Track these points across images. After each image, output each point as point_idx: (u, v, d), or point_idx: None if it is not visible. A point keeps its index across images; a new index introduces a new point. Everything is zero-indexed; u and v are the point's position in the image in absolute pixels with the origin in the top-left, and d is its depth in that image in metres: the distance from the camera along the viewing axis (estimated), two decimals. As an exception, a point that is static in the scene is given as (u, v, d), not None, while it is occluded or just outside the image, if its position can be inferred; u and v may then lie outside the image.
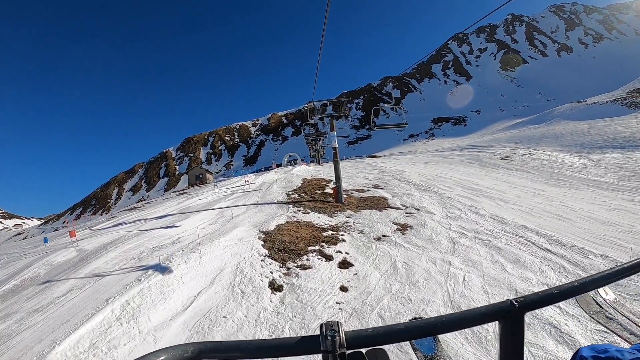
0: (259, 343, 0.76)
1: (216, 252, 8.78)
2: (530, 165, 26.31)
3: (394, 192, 15.95)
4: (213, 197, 21.80)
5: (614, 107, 64.74)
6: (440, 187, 17.03)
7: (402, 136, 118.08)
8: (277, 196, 17.78)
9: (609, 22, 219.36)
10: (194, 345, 0.73)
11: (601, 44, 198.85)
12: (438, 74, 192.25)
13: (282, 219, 12.36)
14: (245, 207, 15.75)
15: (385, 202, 14.15)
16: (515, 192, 17.45)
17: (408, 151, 74.42)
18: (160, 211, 19.31)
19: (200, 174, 71.17)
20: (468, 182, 18.76)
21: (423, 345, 1.43)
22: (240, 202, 17.82)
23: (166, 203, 25.11)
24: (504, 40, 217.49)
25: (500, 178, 21.69)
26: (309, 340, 0.77)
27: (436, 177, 20.27)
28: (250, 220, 12.64)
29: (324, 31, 6.99)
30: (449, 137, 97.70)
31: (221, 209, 16.28)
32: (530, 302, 0.82)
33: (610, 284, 0.91)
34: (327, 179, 22.38)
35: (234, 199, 19.42)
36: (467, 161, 28.54)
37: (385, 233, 10.31)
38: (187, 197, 27.20)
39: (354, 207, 14.03)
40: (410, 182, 18.08)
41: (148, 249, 9.87)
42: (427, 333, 0.79)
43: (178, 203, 22.38)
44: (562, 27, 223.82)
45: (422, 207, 13.01)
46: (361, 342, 0.76)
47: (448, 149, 52.72)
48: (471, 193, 16.21)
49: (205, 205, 18.50)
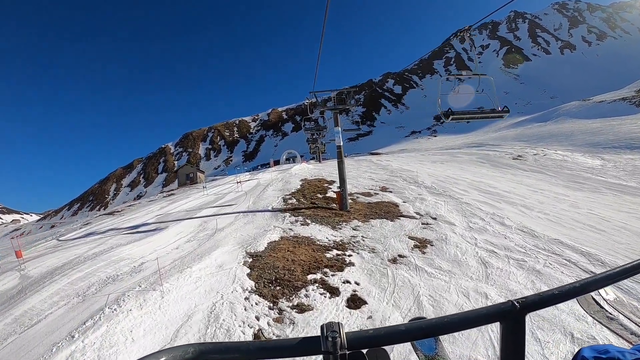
0: (260, 344, 0.75)
1: (185, 288, 6.88)
2: (545, 165, 24.80)
3: (404, 197, 14.38)
4: (200, 201, 20.11)
5: (622, 105, 63.50)
6: (454, 190, 15.53)
7: (404, 133, 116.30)
8: (272, 201, 16.04)
9: (613, 20, 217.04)
10: (194, 346, 0.71)
11: (605, 42, 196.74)
12: (440, 70, 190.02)
13: (275, 233, 10.56)
14: (234, 215, 13.96)
15: (397, 209, 12.61)
16: (537, 197, 15.97)
17: (411, 148, 72.83)
18: (138, 218, 17.62)
19: (191, 173, 65.66)
20: (483, 185, 17.25)
21: (424, 346, 1.36)
22: (228, 208, 16.10)
23: (148, 207, 23.30)
24: (506, 37, 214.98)
25: (516, 180, 20.19)
26: (309, 341, 0.75)
27: (448, 178, 18.73)
28: (236, 235, 10.74)
29: (325, 23, 6.62)
30: (451, 134, 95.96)
31: (205, 217, 14.52)
32: (531, 303, 0.80)
33: (611, 284, 0.91)
34: (329, 180, 20.80)
35: (222, 204, 17.68)
36: (478, 160, 26.93)
37: (402, 252, 8.71)
38: (173, 200, 25.25)
39: (361, 215, 12.38)
40: (421, 184, 16.52)
41: (100, 280, 7.98)
42: (428, 334, 0.78)
43: (161, 207, 20.63)
44: (565, 25, 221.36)
45: (440, 215, 11.49)
46: (362, 342, 0.75)
47: (453, 147, 51.13)
48: (490, 198, 14.72)
49: (189, 211, 16.73)
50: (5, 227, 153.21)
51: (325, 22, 6.62)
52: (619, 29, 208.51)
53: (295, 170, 29.59)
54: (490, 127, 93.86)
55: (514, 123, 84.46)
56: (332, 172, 24.04)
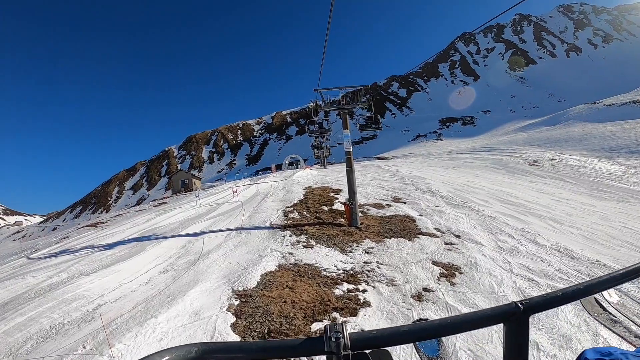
0: (264, 344, 0.75)
1: (145, 350, 5.26)
2: (563, 172, 23.55)
3: (420, 209, 13.10)
4: (190, 213, 18.38)
5: (633, 108, 62.23)
6: (473, 200, 14.34)
7: (409, 136, 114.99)
8: (270, 215, 14.40)
9: (618, 22, 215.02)
10: (197, 345, 0.71)
11: (611, 45, 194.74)
12: (445, 73, 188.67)
13: (272, 260, 8.85)
14: (225, 234, 12.20)
15: (414, 225, 11.30)
16: (563, 208, 14.78)
17: (417, 152, 71.53)
18: (119, 233, 15.93)
19: (186, 180, 58.64)
20: (503, 194, 16.05)
21: (427, 347, 1.34)
22: (220, 223, 14.33)
23: (134, 219, 21.50)
24: (511, 40, 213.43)
25: (536, 188, 18.97)
26: (313, 342, 0.75)
27: (464, 186, 17.52)
28: (223, 263, 8.90)
29: (329, 22, 6.51)
30: (458, 138, 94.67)
31: (192, 236, 12.67)
32: (535, 305, 0.80)
33: (615, 286, 0.90)
34: (335, 189, 19.54)
35: (214, 217, 15.97)
36: (492, 166, 25.66)
37: (427, 283, 7.29)
38: (162, 210, 23.26)
39: (374, 233, 10.85)
40: (437, 193, 15.29)
41: (42, 330, 6.28)
42: (431, 335, 0.78)
43: (147, 220, 18.89)
44: (570, 28, 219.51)
45: (463, 232, 10.28)
46: (365, 343, 0.75)
47: (462, 151, 49.86)
48: (514, 209, 13.53)
49: (176, 227, 14.94)
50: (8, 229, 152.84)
51: (330, 20, 6.40)
52: (625, 31, 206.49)
53: (299, 177, 28.00)
54: (497, 131, 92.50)
55: (521, 126, 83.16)
56: (339, 179, 22.71)
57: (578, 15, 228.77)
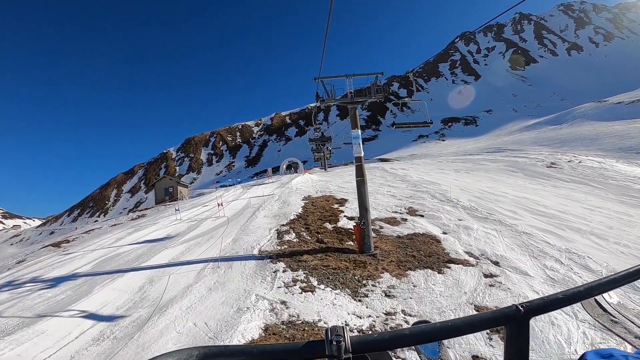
0: (265, 347, 0.75)
1: None
2: (585, 175, 21.80)
3: (442, 224, 11.23)
4: (164, 233, 15.47)
5: (642, 107, 61.05)
6: (500, 211, 12.58)
7: (411, 137, 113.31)
8: (260, 237, 11.59)
9: (619, 20, 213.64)
10: (198, 349, 0.71)
11: (612, 43, 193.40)
12: (445, 73, 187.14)
13: (257, 317, 6.22)
14: (199, 268, 9.38)
15: (439, 248, 9.39)
16: (599, 219, 13.03)
17: (420, 153, 69.77)
18: (76, 259, 12.99)
19: (170, 187, 51.77)
20: (530, 202, 14.30)
21: (427, 349, 1.25)
22: (197, 250, 11.44)
23: (102, 239, 17.87)
24: (512, 39, 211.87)
25: (561, 193, 17.24)
26: (314, 345, 0.75)
27: (484, 193, 15.75)
28: (184, 328, 6.04)
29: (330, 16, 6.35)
30: (461, 138, 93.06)
31: (157, 268, 9.91)
32: (535, 307, 0.80)
33: (615, 288, 0.90)
34: (339, 198, 17.38)
35: (192, 240, 13.11)
36: (507, 169, 23.85)
37: (477, 348, 5.04)
38: (137, 226, 19.75)
39: (393, 263, 8.62)
40: (457, 203, 13.48)
41: None
42: (432, 338, 0.78)
43: (115, 240, 15.92)
44: (571, 26, 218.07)
45: (501, 257, 8.48)
46: (366, 347, 0.75)
47: (470, 152, 48.09)
48: (547, 222, 11.78)
49: (143, 253, 12.13)
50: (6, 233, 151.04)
51: (330, 14, 6.22)
52: (626, 29, 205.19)
53: (297, 183, 25.31)
54: (501, 130, 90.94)
55: (526, 126, 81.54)
56: (343, 186, 20.74)
57: (578, 14, 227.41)
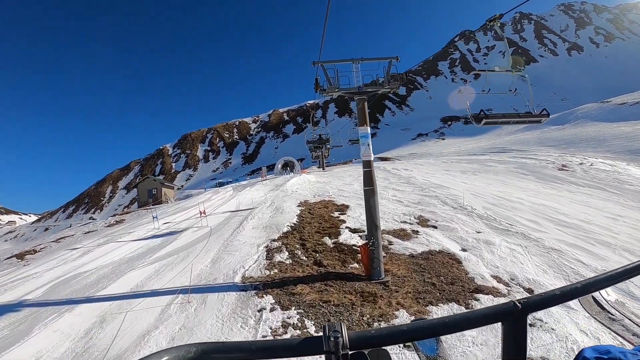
0: (262, 344, 0.75)
1: None
2: (599, 179, 20.53)
3: (459, 237, 9.75)
4: (136, 247, 13.03)
5: (646, 108, 60.12)
6: (520, 221, 11.26)
7: (410, 135, 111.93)
8: (245, 257, 9.76)
9: (620, 21, 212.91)
10: (196, 345, 0.71)
11: (613, 44, 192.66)
12: (445, 71, 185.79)
13: None
14: (167, 300, 7.49)
15: (462, 272, 7.83)
16: (626, 230, 11.78)
17: (420, 152, 68.39)
18: (32, 279, 10.88)
19: (154, 189, 45.78)
20: (549, 210, 12.98)
21: (425, 346, 1.28)
22: (168, 273, 9.29)
23: (68, 252, 15.17)
24: (512, 38, 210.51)
25: (578, 200, 15.95)
26: (312, 341, 0.75)
27: (498, 199, 14.40)
28: None
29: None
30: (461, 137, 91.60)
31: (115, 300, 7.91)
32: (533, 304, 0.80)
33: (612, 285, 0.89)
34: (340, 204, 15.67)
35: (165, 258, 10.83)
36: (517, 171, 22.51)
37: None
38: (110, 236, 17.14)
39: (409, 295, 6.89)
40: (472, 211, 12.10)
41: None
42: (430, 334, 0.78)
43: (80, 255, 13.40)
44: (571, 26, 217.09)
45: (535, 283, 7.12)
46: (364, 343, 0.75)
47: (471, 152, 46.79)
48: (573, 234, 10.47)
49: (105, 275, 9.91)
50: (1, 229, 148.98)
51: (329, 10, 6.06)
52: (626, 30, 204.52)
53: (293, 185, 23.18)
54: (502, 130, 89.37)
55: (528, 125, 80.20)
56: (343, 189, 19.23)
57: (579, 14, 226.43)
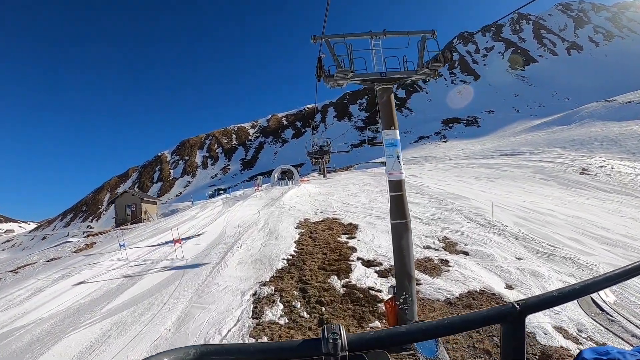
0: (261, 346, 0.75)
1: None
2: (625, 183, 18.92)
3: (499, 267, 7.81)
4: (91, 288, 9.43)
5: (655, 106, 59.37)
6: (561, 240, 9.65)
7: (411, 138, 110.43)
8: (224, 315, 6.79)
9: (618, 19, 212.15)
10: (195, 348, 0.71)
11: (612, 42, 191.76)
12: (444, 73, 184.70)
13: None
14: None
15: None
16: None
17: (424, 155, 66.75)
18: None
19: (133, 205, 38.62)
20: (587, 224, 11.37)
21: (424, 348, 1.31)
22: (117, 338, 6.34)
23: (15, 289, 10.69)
24: (510, 38, 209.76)
25: (612, 209, 14.34)
26: (310, 344, 0.74)
27: (527, 211, 12.78)
28: None
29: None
30: (463, 139, 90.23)
31: None
32: (531, 305, 0.80)
33: (611, 286, 0.89)
34: (347, 223, 13.03)
35: (117, 313, 7.49)
36: (535, 176, 20.87)
37: None
38: (69, 270, 12.04)
39: None
40: (504, 229, 10.42)
41: None
42: (429, 336, 0.78)
43: (30, 295, 9.57)
44: (570, 25, 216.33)
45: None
46: (363, 345, 0.75)
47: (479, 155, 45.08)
48: (624, 256, 8.89)
49: (39, 337, 6.74)
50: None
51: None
52: (625, 28, 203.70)
53: (290, 199, 20.30)
54: (505, 131, 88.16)
55: (532, 126, 78.84)
56: (348, 202, 17.30)
57: (577, 13, 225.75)
